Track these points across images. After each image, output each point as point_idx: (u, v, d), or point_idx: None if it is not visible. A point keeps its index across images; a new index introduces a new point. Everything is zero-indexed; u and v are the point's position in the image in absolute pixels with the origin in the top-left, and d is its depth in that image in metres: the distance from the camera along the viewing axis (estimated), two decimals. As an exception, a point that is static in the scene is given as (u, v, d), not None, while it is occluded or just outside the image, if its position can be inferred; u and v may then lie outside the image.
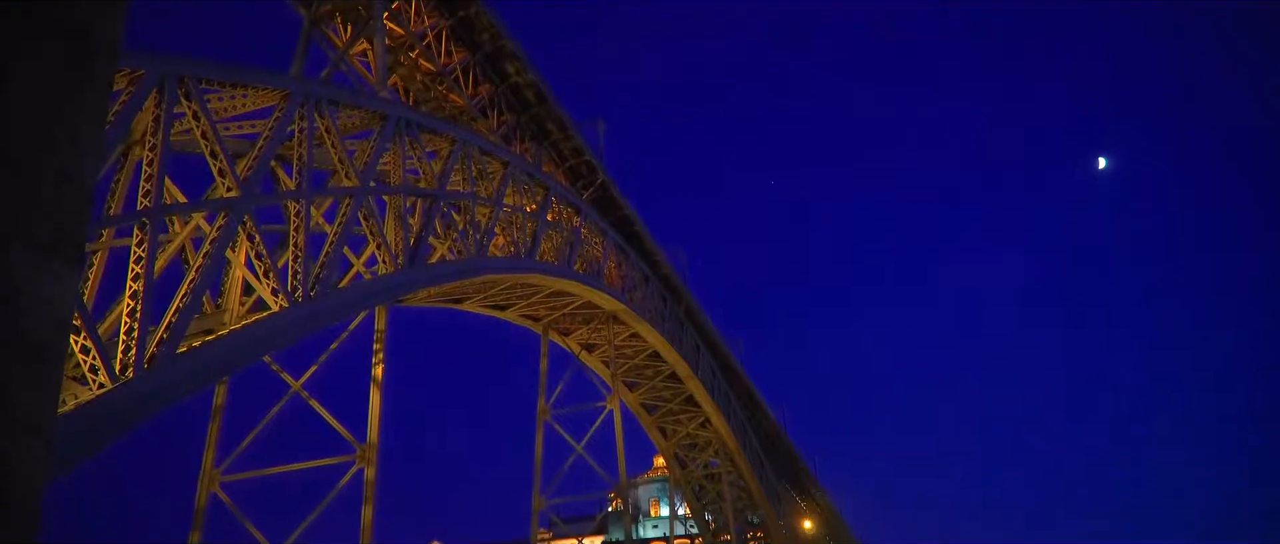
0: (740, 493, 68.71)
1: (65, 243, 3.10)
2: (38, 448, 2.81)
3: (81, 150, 3.25)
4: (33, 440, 2.81)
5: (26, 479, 2.89)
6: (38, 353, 2.91)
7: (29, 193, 2.98)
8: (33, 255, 2.97)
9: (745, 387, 67.77)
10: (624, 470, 47.48)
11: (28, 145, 3.04)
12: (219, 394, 29.35)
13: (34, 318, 2.89)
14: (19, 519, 2.91)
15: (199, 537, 28.47)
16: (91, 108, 3.30)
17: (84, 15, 3.34)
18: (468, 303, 43.25)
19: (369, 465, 28.07)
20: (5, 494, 2.76)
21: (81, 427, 14.52)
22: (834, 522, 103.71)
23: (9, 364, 2.82)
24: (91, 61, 3.31)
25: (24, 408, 2.83)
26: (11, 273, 2.86)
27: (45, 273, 2.97)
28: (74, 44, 3.27)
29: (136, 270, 16.59)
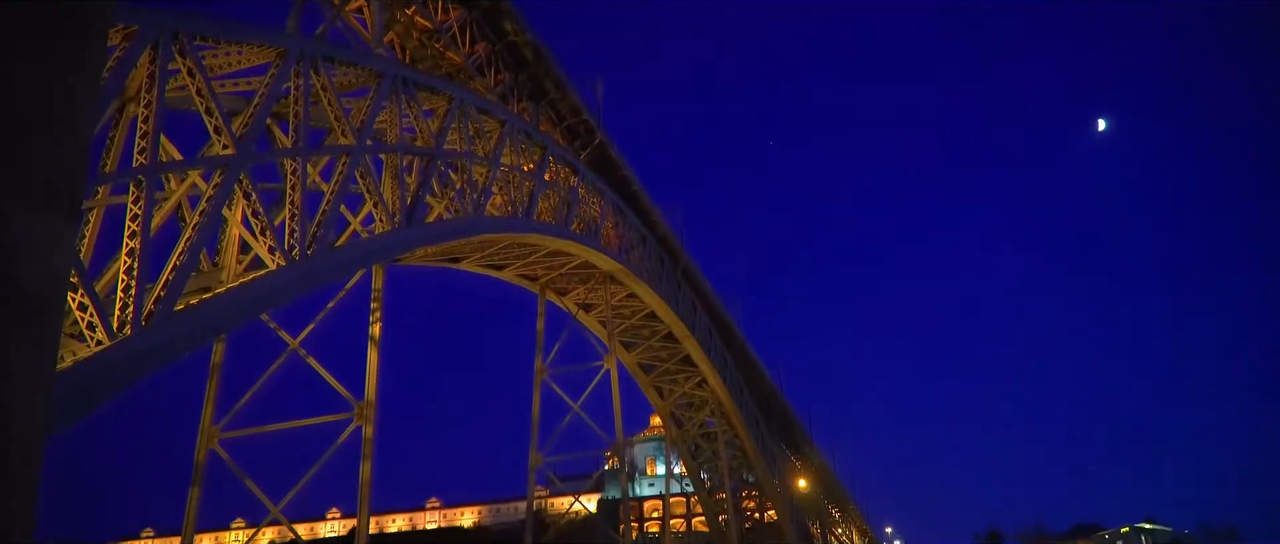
0: (736, 452, 69.25)
1: (62, 199, 3.11)
2: (38, 401, 2.84)
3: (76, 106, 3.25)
4: (34, 394, 2.84)
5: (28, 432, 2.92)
6: (37, 309, 2.94)
7: (24, 149, 2.99)
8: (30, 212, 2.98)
9: (742, 347, 68.03)
10: (620, 429, 47.81)
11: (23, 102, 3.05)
12: (217, 352, 29.44)
13: (33, 274, 2.91)
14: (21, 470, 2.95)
15: (199, 492, 28.70)
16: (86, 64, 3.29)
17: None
18: (465, 262, 43.27)
19: (367, 423, 28.26)
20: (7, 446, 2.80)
21: (81, 382, 14.59)
22: (828, 480, 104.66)
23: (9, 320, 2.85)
24: (86, 17, 3.30)
25: (25, 362, 2.87)
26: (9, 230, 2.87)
27: (43, 230, 2.99)
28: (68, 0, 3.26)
29: (133, 228, 16.58)
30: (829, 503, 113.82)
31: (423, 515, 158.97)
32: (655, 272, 51.19)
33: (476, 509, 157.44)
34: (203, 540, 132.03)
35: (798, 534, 74.72)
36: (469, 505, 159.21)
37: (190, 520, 28.96)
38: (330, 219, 22.22)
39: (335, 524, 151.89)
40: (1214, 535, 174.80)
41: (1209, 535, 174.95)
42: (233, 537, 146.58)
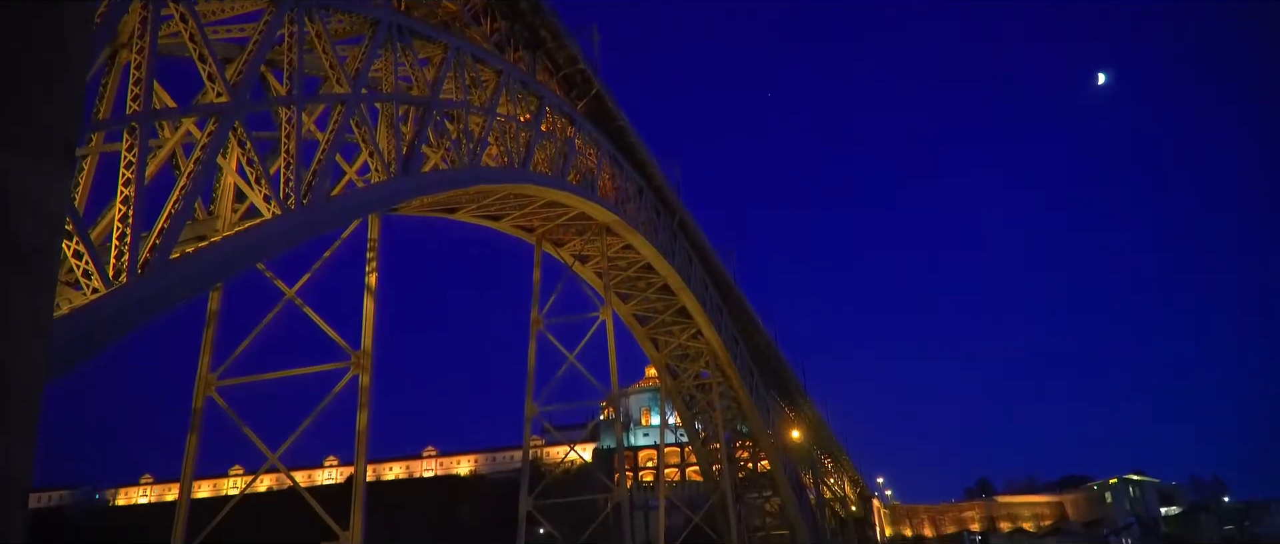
0: (730, 403, 69.75)
1: (56, 144, 3.10)
2: (36, 348, 2.86)
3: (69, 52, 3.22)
4: (31, 341, 2.86)
5: (25, 379, 2.94)
6: (33, 255, 2.94)
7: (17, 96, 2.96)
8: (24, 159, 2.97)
9: (737, 299, 68.22)
10: (616, 380, 48.10)
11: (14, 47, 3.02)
12: (213, 300, 29.46)
13: (28, 220, 2.91)
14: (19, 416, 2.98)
15: (197, 439, 28.92)
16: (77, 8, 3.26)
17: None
18: (461, 213, 43.18)
19: (363, 372, 28.37)
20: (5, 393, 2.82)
21: (77, 330, 14.62)
22: (821, 432, 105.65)
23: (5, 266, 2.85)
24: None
25: (21, 308, 2.88)
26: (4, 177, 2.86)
27: (37, 176, 2.98)
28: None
29: (127, 175, 16.49)
30: (822, 454, 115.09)
31: (420, 464, 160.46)
32: (652, 223, 51.15)
33: (473, 458, 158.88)
34: (201, 487, 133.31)
35: (791, 484, 75.58)
36: (465, 454, 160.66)
37: (189, 467, 29.22)
38: (326, 168, 22.11)
39: (333, 472, 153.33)
40: (1201, 487, 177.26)
41: (1196, 487, 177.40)
42: (231, 483, 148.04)
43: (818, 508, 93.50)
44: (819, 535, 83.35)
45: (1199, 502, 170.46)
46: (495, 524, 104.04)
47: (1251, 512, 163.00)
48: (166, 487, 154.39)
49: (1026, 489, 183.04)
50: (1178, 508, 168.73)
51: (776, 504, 76.69)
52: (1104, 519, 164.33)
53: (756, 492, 77.32)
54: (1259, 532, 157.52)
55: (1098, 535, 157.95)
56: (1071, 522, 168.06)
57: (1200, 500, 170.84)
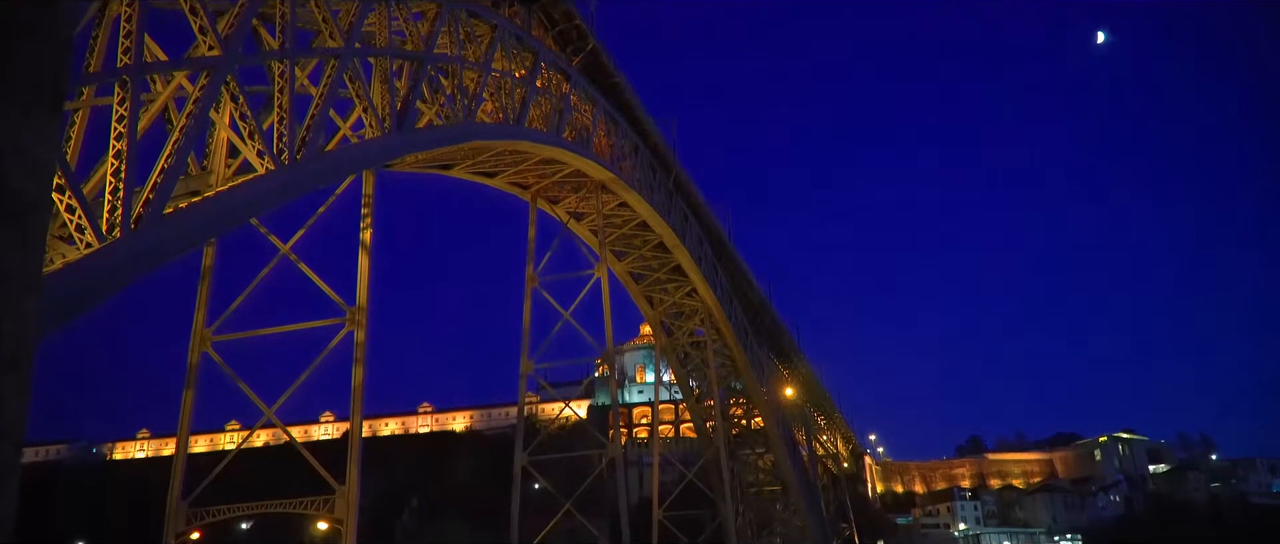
0: (724, 361, 70.06)
1: (44, 94, 3.05)
2: (28, 303, 2.83)
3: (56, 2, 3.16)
4: (23, 296, 2.83)
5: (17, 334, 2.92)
6: (23, 207, 2.90)
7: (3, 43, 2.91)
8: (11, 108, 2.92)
9: (732, 257, 68.26)
10: (611, 337, 48.25)
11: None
12: (207, 256, 29.40)
13: (17, 172, 2.87)
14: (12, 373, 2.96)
15: (193, 394, 29.01)
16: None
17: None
18: (456, 169, 42.98)
19: (358, 328, 28.41)
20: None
21: (70, 285, 14.58)
22: (814, 390, 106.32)
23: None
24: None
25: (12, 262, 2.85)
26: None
27: (26, 126, 2.93)
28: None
29: (119, 129, 16.35)
30: (815, 412, 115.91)
31: (415, 419, 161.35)
32: (647, 181, 50.99)
33: (468, 414, 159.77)
34: (198, 442, 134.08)
35: (784, 441, 76.19)
36: (461, 410, 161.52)
37: (185, 422, 29.34)
38: (319, 123, 21.96)
39: (329, 427, 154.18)
40: (1189, 445, 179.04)
41: (1184, 445, 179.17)
42: (228, 438, 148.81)
43: (810, 464, 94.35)
44: (811, 491, 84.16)
45: (1187, 460, 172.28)
46: (490, 479, 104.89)
47: (1238, 470, 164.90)
48: (163, 442, 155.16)
49: (1017, 447, 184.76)
50: (1166, 466, 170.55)
51: (769, 461, 77.38)
52: (1093, 477, 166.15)
53: (750, 448, 77.97)
54: (1245, 489, 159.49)
55: (1086, 492, 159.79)
56: (1060, 479, 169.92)
57: (1188, 459, 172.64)
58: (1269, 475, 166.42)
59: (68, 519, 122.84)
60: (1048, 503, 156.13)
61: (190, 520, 28.13)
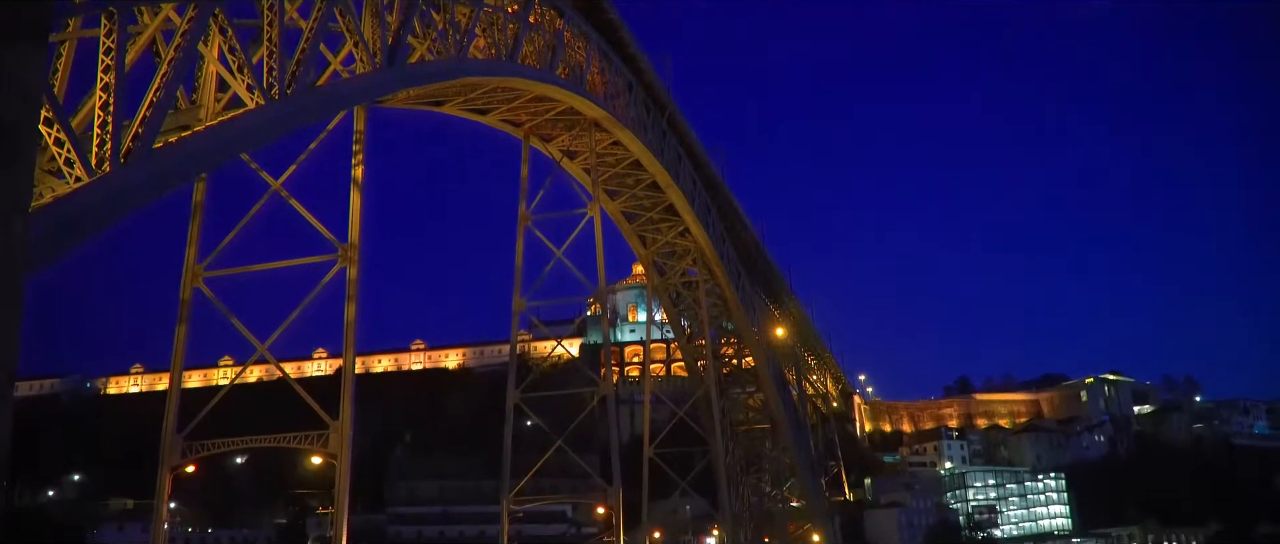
0: (716, 301, 70.30)
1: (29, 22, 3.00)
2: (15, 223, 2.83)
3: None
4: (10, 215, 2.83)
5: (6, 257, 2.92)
6: (9, 132, 2.88)
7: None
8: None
9: (725, 197, 68.11)
10: (603, 276, 48.34)
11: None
12: (198, 192, 29.25)
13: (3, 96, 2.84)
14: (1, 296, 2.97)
15: (185, 330, 29.09)
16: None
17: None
18: (448, 106, 42.60)
19: (350, 265, 28.41)
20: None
21: (60, 219, 14.52)
22: (805, 330, 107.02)
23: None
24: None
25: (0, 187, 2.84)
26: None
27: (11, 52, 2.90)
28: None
29: (106, 62, 16.15)
30: (805, 352, 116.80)
31: (408, 356, 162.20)
32: (641, 120, 50.64)
33: (461, 352, 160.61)
34: (191, 377, 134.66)
35: (774, 381, 76.84)
36: (453, 348, 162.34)
37: (178, 357, 29.47)
38: (309, 58, 21.71)
39: (322, 364, 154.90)
40: (1174, 386, 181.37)
41: (1169, 386, 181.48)
42: (221, 374, 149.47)
43: (800, 403, 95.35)
44: (800, 430, 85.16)
45: (1171, 401, 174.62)
46: (483, 416, 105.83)
47: (1222, 412, 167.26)
48: (157, 376, 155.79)
49: (1005, 388, 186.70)
50: (1151, 407, 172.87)
51: (760, 399, 78.11)
52: (1078, 417, 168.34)
53: (740, 387, 78.64)
54: (1228, 431, 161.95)
55: (1071, 432, 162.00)
56: (1046, 419, 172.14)
57: (1172, 400, 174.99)
58: (1252, 417, 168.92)
59: (62, 452, 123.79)
60: (1033, 443, 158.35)
61: (185, 454, 28.42)
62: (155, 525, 28.41)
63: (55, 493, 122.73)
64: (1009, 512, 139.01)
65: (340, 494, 27.44)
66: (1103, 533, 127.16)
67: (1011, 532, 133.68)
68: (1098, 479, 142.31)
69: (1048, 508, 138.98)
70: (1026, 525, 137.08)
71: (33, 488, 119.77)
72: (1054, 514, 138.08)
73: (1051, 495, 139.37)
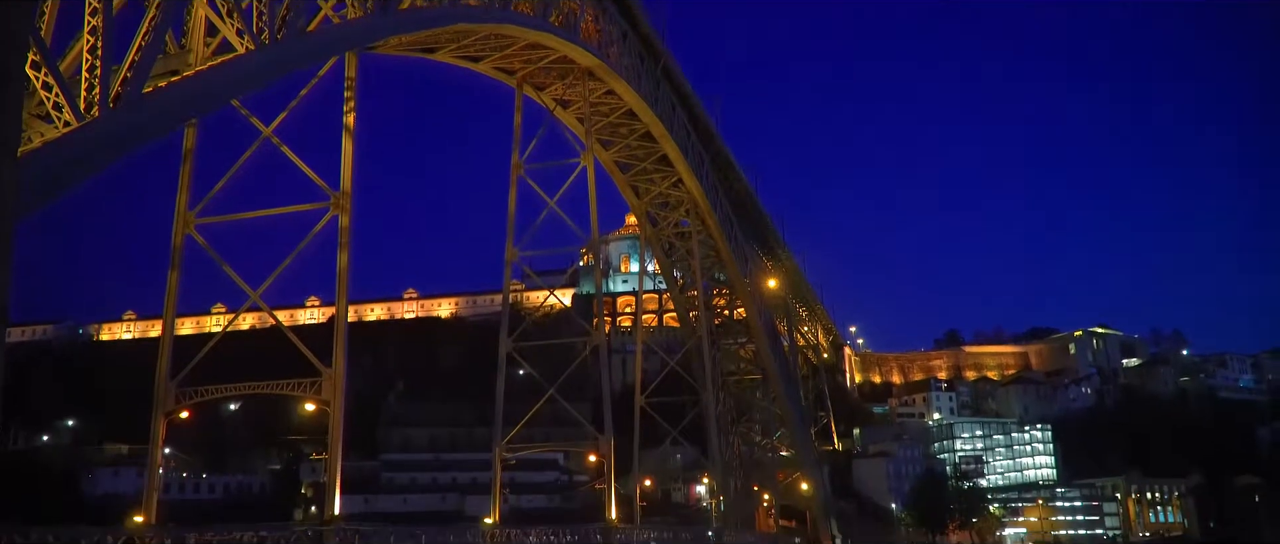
0: (709, 251, 70.37)
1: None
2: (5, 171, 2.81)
3: None
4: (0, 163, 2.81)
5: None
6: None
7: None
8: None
9: (719, 149, 67.85)
10: (596, 226, 48.29)
11: None
12: (189, 138, 29.00)
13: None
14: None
15: (178, 276, 29.05)
16: None
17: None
18: (440, 53, 42.17)
19: (343, 213, 28.30)
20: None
21: (51, 163, 14.44)
22: (797, 282, 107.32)
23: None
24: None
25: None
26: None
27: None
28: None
29: (95, 5, 15.93)
30: (797, 303, 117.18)
31: (401, 305, 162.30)
32: (635, 69, 50.23)
33: (453, 301, 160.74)
34: (184, 324, 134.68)
35: (766, 332, 77.26)
36: (446, 297, 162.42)
37: (170, 304, 29.47)
38: (300, 3, 21.43)
39: (314, 312, 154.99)
40: (1161, 340, 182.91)
41: (1156, 340, 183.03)
42: (214, 321, 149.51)
43: (791, 355, 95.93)
44: (791, 381, 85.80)
45: (1158, 354, 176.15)
46: (476, 365, 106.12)
47: (1207, 365, 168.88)
48: (150, 323, 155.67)
49: (994, 340, 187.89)
50: (1138, 360, 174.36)
51: (751, 350, 78.57)
52: (1066, 370, 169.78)
53: (732, 338, 79.03)
54: (1213, 384, 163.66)
55: (1058, 384, 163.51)
56: (1035, 371, 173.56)
57: (1160, 353, 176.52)
58: (1238, 370, 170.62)
59: (56, 398, 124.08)
60: (1020, 394, 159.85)
61: (179, 400, 28.54)
62: (150, 470, 28.61)
63: (49, 438, 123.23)
64: (995, 462, 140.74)
65: (334, 441, 27.65)
66: (1086, 483, 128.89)
67: (997, 481, 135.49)
68: (1083, 431, 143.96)
69: (1033, 459, 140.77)
70: (1012, 475, 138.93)
71: (27, 433, 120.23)
72: (1039, 465, 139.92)
73: (1037, 446, 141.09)
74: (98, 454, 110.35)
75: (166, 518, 28.81)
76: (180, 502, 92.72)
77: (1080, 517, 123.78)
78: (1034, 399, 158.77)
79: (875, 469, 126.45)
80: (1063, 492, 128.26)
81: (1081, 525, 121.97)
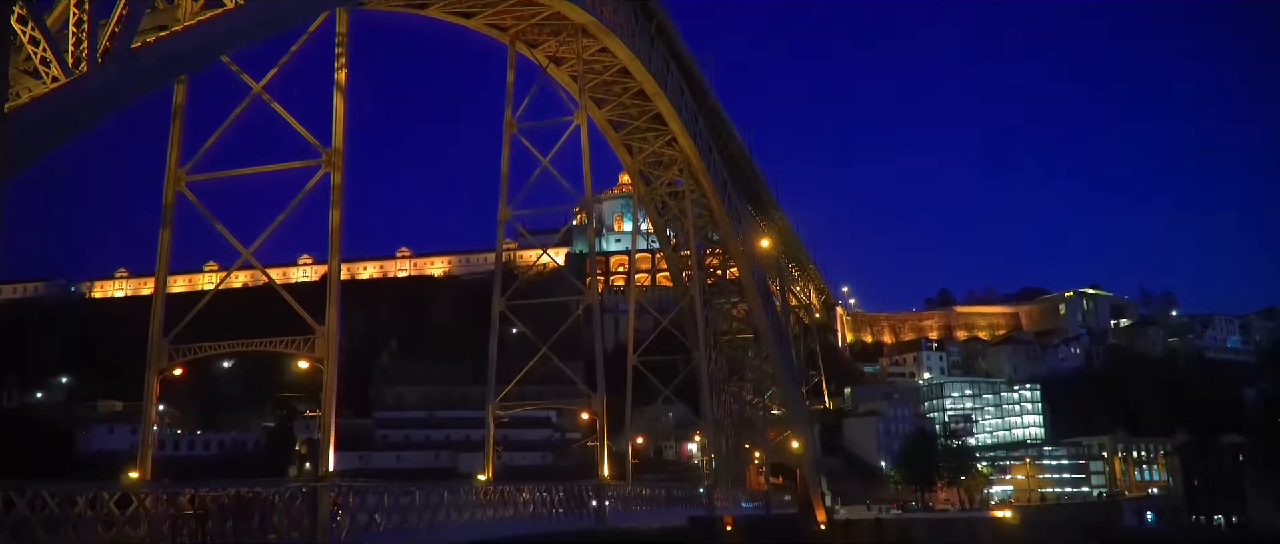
0: (702, 211, 70.30)
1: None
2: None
3: None
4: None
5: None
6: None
7: None
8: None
9: (713, 107, 67.51)
10: (589, 185, 48.16)
11: None
12: (178, 93, 28.75)
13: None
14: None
15: (169, 234, 28.96)
16: None
17: None
18: (432, 8, 41.74)
19: (335, 171, 28.16)
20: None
21: (38, 119, 14.34)
22: (789, 241, 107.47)
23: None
24: None
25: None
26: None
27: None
28: None
29: (80, -42, 15.71)
30: (789, 263, 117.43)
31: (393, 264, 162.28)
32: (629, 26, 49.81)
33: (446, 259, 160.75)
34: (176, 282, 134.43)
35: (758, 291, 77.40)
36: (439, 255, 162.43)
37: (163, 262, 29.41)
38: (289, -44, 21.15)
39: (307, 270, 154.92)
40: (1151, 301, 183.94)
41: (1147, 301, 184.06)
42: (206, 279, 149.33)
43: (783, 314, 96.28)
44: (783, 340, 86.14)
45: (1148, 315, 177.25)
46: (469, 324, 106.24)
47: (1196, 326, 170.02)
48: (142, 281, 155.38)
49: (985, 300, 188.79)
50: (1128, 321, 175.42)
51: (743, 310, 78.76)
52: (1056, 330, 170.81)
53: (724, 297, 79.18)
54: (1201, 345, 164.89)
55: (1048, 345, 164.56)
56: (1025, 331, 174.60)
57: (1149, 314, 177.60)
58: (1226, 331, 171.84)
59: (49, 355, 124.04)
60: (1010, 354, 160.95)
61: (172, 357, 28.59)
62: (144, 427, 28.73)
63: (43, 395, 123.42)
64: (984, 421, 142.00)
65: (327, 398, 27.75)
66: (1073, 442, 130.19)
67: (986, 440, 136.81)
68: (1072, 390, 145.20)
69: (1022, 418, 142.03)
70: (1001, 434, 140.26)
71: (20, 390, 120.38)
72: (1028, 424, 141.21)
73: (1026, 406, 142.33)
74: (92, 411, 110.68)
75: (162, 474, 28.95)
76: (175, 458, 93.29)
77: (1067, 475, 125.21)
78: (1024, 359, 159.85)
79: (865, 428, 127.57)
80: (1050, 450, 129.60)
81: (1068, 484, 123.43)
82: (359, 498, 27.87)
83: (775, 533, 71.53)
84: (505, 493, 36.70)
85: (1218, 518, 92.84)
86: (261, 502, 24.65)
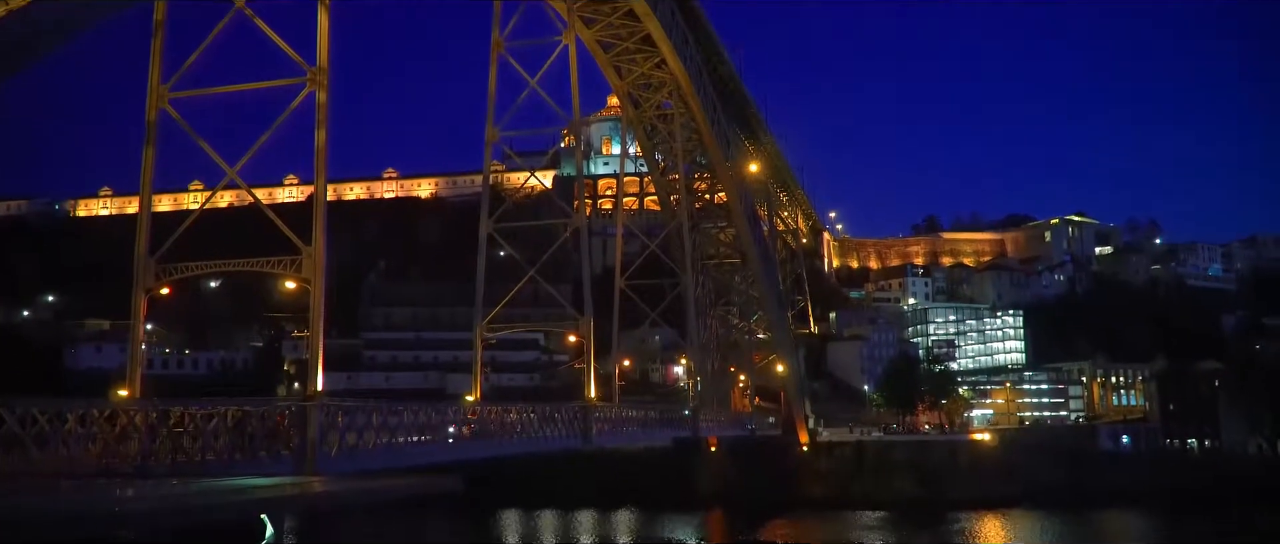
0: (691, 135, 69.94)
1: None
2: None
3: None
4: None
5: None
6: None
7: None
8: None
9: (704, 28, 66.68)
10: (577, 107, 47.80)
11: None
12: (159, 9, 28.17)
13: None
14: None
15: (153, 152, 28.68)
16: None
17: None
18: (417, -77, 40.79)
19: (320, 89, 27.82)
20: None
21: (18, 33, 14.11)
22: (778, 167, 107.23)
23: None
24: None
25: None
26: None
27: None
28: None
29: None
30: (778, 188, 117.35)
31: (380, 185, 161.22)
32: (618, -57, 48.88)
33: (433, 181, 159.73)
34: (161, 201, 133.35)
35: (746, 216, 77.49)
36: (426, 177, 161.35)
37: (147, 180, 29.19)
38: None
39: (293, 190, 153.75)
40: (1136, 229, 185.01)
41: (1131, 229, 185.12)
42: (191, 198, 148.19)
43: (770, 239, 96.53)
44: (769, 265, 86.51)
45: (1132, 243, 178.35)
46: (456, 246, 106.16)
47: (1179, 254, 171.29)
48: (126, 199, 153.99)
49: (972, 227, 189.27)
50: (1112, 248, 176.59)
51: (731, 234, 78.98)
52: (1041, 257, 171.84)
53: (712, 222, 79.32)
54: (1183, 272, 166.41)
55: (1032, 271, 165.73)
56: (1010, 258, 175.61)
57: (1133, 241, 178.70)
58: (1207, 259, 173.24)
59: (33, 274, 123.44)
60: (995, 280, 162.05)
61: (159, 276, 28.57)
62: (132, 346, 28.82)
63: (30, 313, 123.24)
64: (967, 346, 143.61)
65: (315, 318, 27.86)
66: (1053, 367, 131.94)
67: (968, 365, 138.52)
68: (1054, 317, 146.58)
69: (1004, 344, 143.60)
70: (982, 360, 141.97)
71: (7, 308, 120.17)
72: (1009, 350, 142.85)
73: (1008, 332, 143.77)
74: (79, 330, 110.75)
75: (151, 392, 29.14)
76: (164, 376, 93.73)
77: (1046, 400, 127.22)
78: (1008, 286, 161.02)
79: (849, 352, 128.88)
80: (1030, 376, 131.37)
81: (1047, 408, 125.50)
82: (348, 417, 28.18)
83: (758, 454, 72.83)
84: (493, 413, 37.16)
85: (1191, 441, 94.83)
86: (251, 419, 24.91)
